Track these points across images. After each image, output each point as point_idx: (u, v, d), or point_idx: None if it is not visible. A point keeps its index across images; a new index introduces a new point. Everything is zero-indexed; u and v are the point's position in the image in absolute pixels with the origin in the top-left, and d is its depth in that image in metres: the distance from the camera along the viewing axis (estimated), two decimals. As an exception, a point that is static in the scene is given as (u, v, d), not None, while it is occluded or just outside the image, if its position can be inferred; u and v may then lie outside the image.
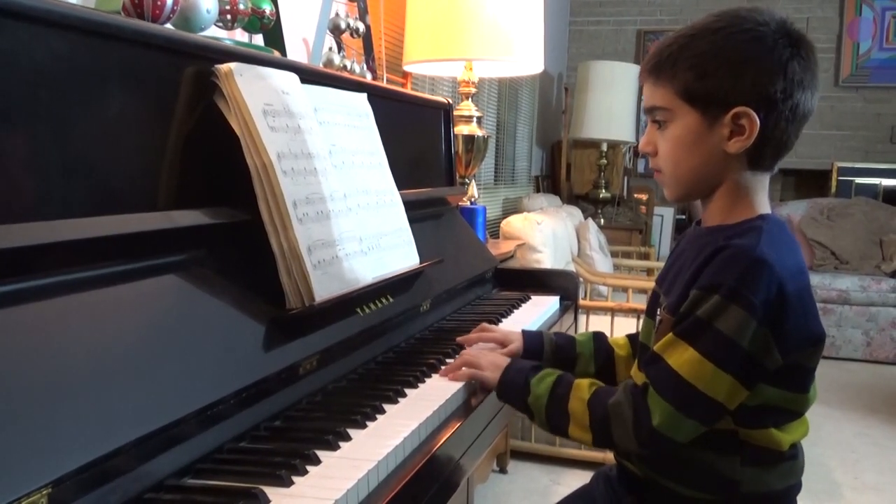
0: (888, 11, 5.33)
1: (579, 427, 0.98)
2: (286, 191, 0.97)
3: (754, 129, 0.92)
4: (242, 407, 0.84)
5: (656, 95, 0.98)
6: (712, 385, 0.89)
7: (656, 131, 1.00)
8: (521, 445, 2.77)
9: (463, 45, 2.19)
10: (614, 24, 5.89)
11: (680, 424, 0.91)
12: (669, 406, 0.90)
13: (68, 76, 0.78)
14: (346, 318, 1.08)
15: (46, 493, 0.58)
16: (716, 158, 0.96)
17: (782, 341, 0.90)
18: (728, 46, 0.93)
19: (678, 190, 1.02)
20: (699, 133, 0.95)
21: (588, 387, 0.99)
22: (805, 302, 0.93)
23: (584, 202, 5.11)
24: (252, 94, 0.97)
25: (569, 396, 0.99)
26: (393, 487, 0.77)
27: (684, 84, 0.95)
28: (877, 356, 4.44)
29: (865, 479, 2.77)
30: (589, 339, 1.22)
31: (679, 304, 0.94)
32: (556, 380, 1.02)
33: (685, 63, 0.94)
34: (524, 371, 1.04)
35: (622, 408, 0.94)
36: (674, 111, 0.96)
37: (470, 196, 2.38)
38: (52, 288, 0.71)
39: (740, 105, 0.92)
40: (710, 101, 0.94)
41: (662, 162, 1.00)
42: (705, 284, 0.91)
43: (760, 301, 0.88)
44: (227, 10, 1.30)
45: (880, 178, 5.32)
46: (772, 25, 0.93)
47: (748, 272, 0.89)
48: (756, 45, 0.92)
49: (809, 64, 0.94)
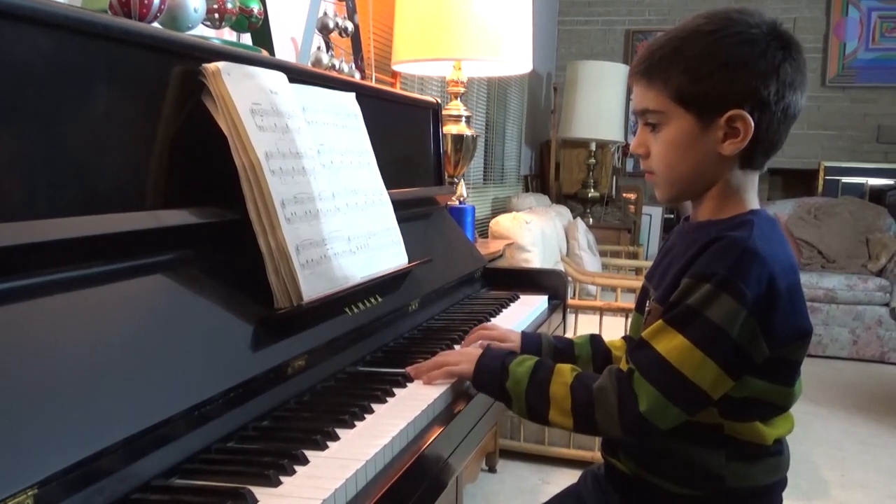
0: (874, 12, 5.36)
1: (560, 412, 0.97)
2: (274, 190, 0.97)
3: (749, 131, 0.93)
4: (230, 407, 0.84)
5: (648, 98, 0.98)
6: (699, 373, 0.90)
7: (648, 133, 1.01)
8: (511, 445, 2.78)
9: (452, 45, 2.19)
10: (603, 23, 5.90)
11: (666, 411, 0.91)
12: (655, 391, 0.91)
13: (54, 75, 0.78)
14: (334, 317, 1.07)
15: (32, 493, 0.58)
16: (709, 160, 0.97)
17: (770, 333, 0.91)
18: (721, 49, 0.93)
19: (671, 191, 1.02)
20: (693, 136, 0.96)
21: (570, 371, 0.99)
22: (794, 296, 0.93)
23: (572, 201, 5.12)
24: (240, 93, 0.97)
25: (550, 380, 0.98)
26: (381, 487, 0.77)
27: (678, 87, 0.95)
28: (863, 354, 4.47)
29: (852, 476, 2.79)
30: (586, 341, 1.22)
31: (669, 293, 0.95)
32: (536, 364, 1.01)
33: (678, 66, 0.95)
34: (500, 356, 1.04)
35: (607, 392, 0.93)
36: (667, 114, 0.97)
37: (459, 195, 2.39)
38: (39, 288, 0.70)
39: (735, 108, 0.93)
40: (704, 104, 0.94)
41: (655, 164, 1.01)
42: (697, 273, 0.92)
43: (751, 291, 0.89)
44: (215, 9, 1.30)
45: (867, 177, 5.36)
46: (763, 28, 0.94)
47: (740, 262, 0.90)
48: (749, 47, 0.93)
49: (800, 65, 0.96)
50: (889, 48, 5.35)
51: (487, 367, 1.03)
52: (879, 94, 5.40)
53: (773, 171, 5.63)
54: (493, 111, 4.48)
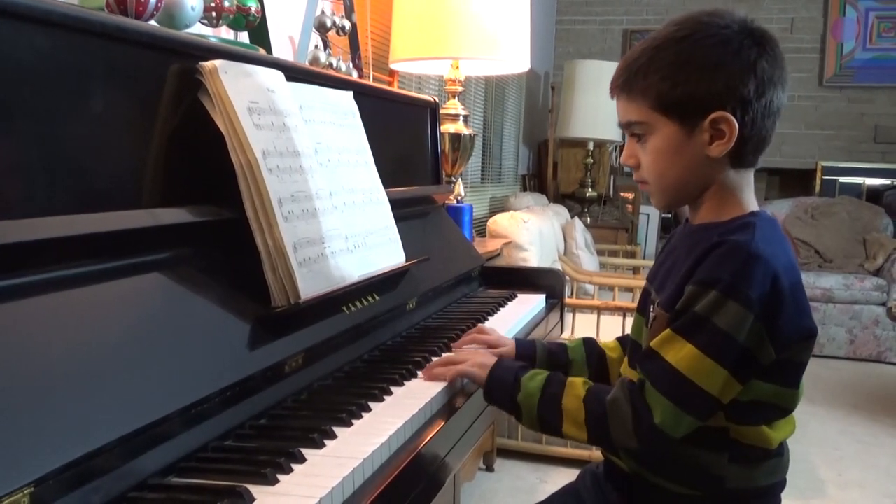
0: (872, 12, 5.37)
1: (574, 425, 0.97)
2: (271, 189, 0.97)
3: (734, 131, 0.93)
4: (227, 405, 0.84)
5: (631, 110, 0.99)
6: (709, 380, 0.90)
7: (636, 144, 1.01)
8: (508, 443, 2.78)
9: (449, 44, 2.19)
10: (601, 23, 5.90)
11: (679, 420, 0.91)
12: (669, 402, 0.90)
13: (51, 73, 0.78)
14: (331, 316, 1.07)
15: (28, 492, 0.58)
16: (699, 164, 0.97)
17: (776, 336, 0.91)
18: (696, 53, 0.94)
19: (666, 199, 1.03)
20: (680, 142, 0.96)
21: (582, 384, 0.99)
22: (798, 297, 0.93)
23: (570, 201, 5.12)
24: (237, 91, 0.97)
25: (563, 394, 0.98)
26: (378, 485, 0.77)
27: (658, 95, 0.96)
28: (860, 354, 4.47)
29: (849, 475, 2.79)
30: (579, 344, 1.22)
31: (673, 300, 0.95)
32: (548, 377, 1.02)
33: (656, 75, 0.95)
34: (513, 369, 1.04)
35: (620, 404, 0.94)
36: (651, 124, 0.97)
37: (456, 194, 2.39)
38: (35, 286, 0.70)
39: (717, 109, 0.93)
40: (686, 110, 0.95)
41: (647, 174, 1.01)
42: (702, 280, 0.92)
43: (756, 296, 0.89)
44: (213, 8, 1.30)
45: (864, 177, 5.37)
46: (735, 27, 0.95)
47: (744, 267, 0.90)
48: (723, 48, 0.93)
49: (777, 60, 0.96)
50: (886, 48, 5.36)
51: (500, 378, 1.04)
52: (877, 94, 5.40)
53: (771, 171, 5.64)
54: (491, 110, 4.48)
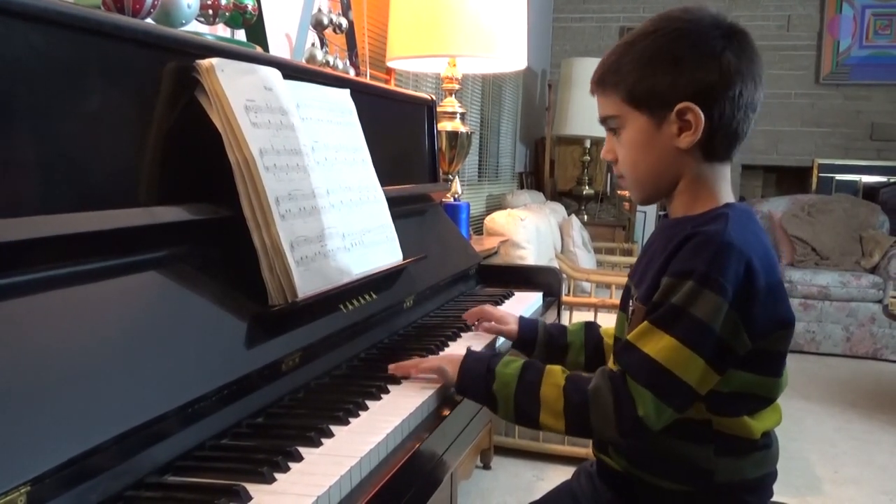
0: (868, 9, 5.37)
1: (551, 414, 0.96)
2: (268, 187, 0.97)
3: (700, 122, 0.95)
4: (224, 404, 0.84)
5: (606, 105, 1.03)
6: (687, 370, 0.90)
7: (613, 139, 1.04)
8: (505, 441, 2.78)
9: (446, 42, 2.19)
10: (597, 20, 5.90)
11: (660, 412, 0.91)
12: (650, 394, 0.91)
13: (47, 71, 0.77)
14: (328, 314, 1.07)
15: (25, 491, 0.57)
16: (670, 156, 0.99)
17: (751, 324, 0.91)
18: (662, 47, 0.97)
19: (641, 191, 1.05)
20: (650, 133, 0.99)
21: (561, 372, 0.98)
22: (773, 285, 0.94)
23: (567, 199, 5.13)
24: (234, 89, 0.97)
25: (541, 382, 0.97)
26: (375, 484, 0.77)
27: (628, 89, 0.99)
28: (856, 351, 4.48)
29: (845, 472, 2.80)
30: (580, 328, 1.24)
31: (650, 293, 0.96)
32: (524, 365, 1.00)
33: (626, 69, 0.99)
34: (484, 359, 1.02)
35: (602, 393, 0.93)
36: (623, 117, 1.00)
37: (453, 192, 2.39)
38: (31, 284, 0.70)
39: (682, 101, 0.95)
40: (653, 102, 0.97)
41: (622, 167, 1.04)
42: (677, 271, 0.93)
43: (731, 284, 0.90)
44: (209, 5, 1.29)
45: (860, 174, 5.38)
46: (703, 21, 0.97)
47: (717, 256, 0.91)
48: (687, 40, 0.96)
49: (745, 52, 0.97)
50: (882, 46, 5.36)
51: (471, 370, 1.02)
52: (873, 91, 5.40)
53: (767, 169, 5.65)
54: (488, 108, 4.48)
